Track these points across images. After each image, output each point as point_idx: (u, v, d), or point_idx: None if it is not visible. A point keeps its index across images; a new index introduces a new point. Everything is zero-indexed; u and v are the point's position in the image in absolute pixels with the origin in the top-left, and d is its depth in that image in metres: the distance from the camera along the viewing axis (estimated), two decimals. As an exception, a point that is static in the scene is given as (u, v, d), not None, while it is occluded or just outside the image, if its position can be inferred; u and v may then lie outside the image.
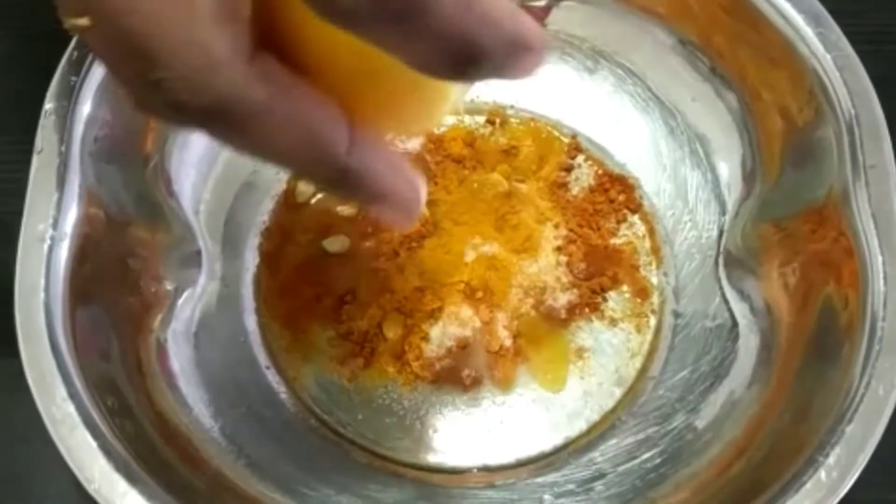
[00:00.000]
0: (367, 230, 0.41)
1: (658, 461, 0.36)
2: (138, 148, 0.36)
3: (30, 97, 0.33)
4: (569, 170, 0.43)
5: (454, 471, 0.37)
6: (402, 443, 0.37)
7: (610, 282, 0.40)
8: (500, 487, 0.37)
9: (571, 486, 0.36)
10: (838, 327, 0.32)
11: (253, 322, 0.40)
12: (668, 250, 0.41)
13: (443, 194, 0.42)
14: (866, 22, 0.39)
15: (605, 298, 0.40)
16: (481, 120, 0.44)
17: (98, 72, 0.33)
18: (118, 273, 0.34)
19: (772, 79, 0.37)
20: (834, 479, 0.28)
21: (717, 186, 0.41)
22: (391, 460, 0.37)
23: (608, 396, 0.39)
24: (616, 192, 0.42)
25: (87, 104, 0.33)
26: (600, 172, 0.43)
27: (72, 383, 0.29)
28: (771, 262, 0.37)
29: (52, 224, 0.31)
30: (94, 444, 0.28)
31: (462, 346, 0.39)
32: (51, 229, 0.31)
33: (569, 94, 0.44)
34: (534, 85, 0.43)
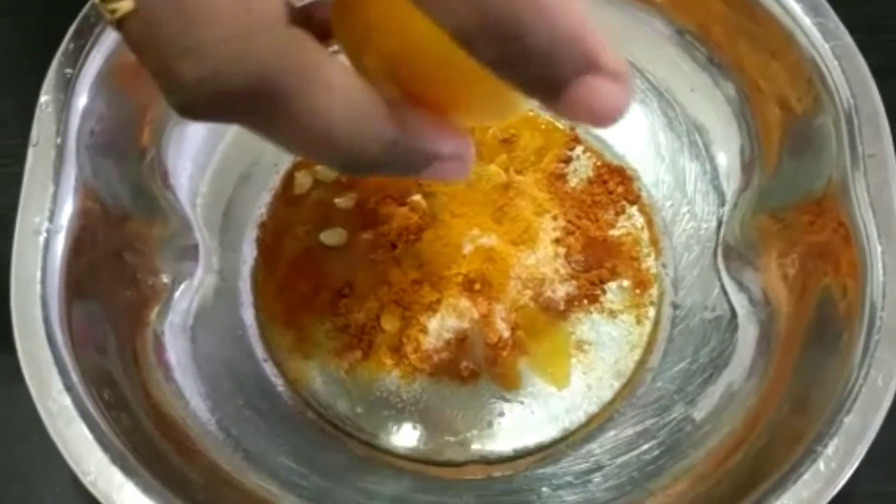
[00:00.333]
0: (365, 223, 0.41)
1: (656, 453, 0.36)
2: (135, 141, 0.36)
3: (25, 90, 0.33)
4: (567, 161, 0.43)
5: (452, 463, 0.37)
6: (400, 435, 0.37)
7: (609, 273, 0.40)
8: (499, 480, 0.37)
9: (569, 479, 0.36)
10: (837, 317, 0.32)
11: (250, 315, 0.40)
12: (666, 242, 0.41)
13: (440, 186, 0.41)
14: (865, 11, 0.39)
15: (603, 290, 0.40)
16: (479, 112, 0.44)
17: (94, 64, 0.33)
18: (115, 266, 0.34)
19: (770, 69, 0.37)
20: (833, 469, 0.28)
21: (716, 177, 0.41)
22: (389, 453, 0.37)
23: (607, 388, 0.38)
24: (615, 183, 0.42)
25: (83, 97, 0.33)
26: (599, 164, 0.43)
27: (68, 376, 0.29)
28: (770, 252, 0.37)
29: (49, 217, 0.31)
30: (91, 436, 0.28)
31: (460, 339, 0.39)
32: (47, 222, 0.31)
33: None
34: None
